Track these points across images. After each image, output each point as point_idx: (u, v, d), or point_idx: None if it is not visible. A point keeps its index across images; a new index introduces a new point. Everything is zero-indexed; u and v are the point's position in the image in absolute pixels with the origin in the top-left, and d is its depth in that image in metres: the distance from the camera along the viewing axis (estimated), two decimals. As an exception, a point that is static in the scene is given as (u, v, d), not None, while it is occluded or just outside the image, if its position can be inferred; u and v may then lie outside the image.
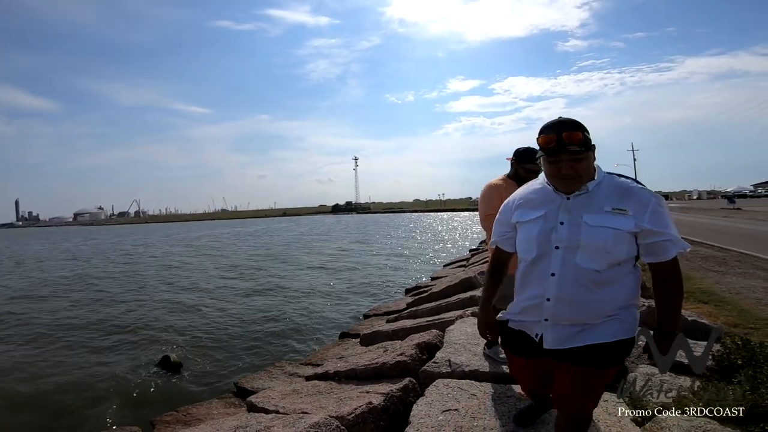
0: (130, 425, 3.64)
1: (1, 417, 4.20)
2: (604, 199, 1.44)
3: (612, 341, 1.43)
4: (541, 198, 1.55)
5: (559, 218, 1.47)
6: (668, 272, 1.44)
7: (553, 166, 1.45)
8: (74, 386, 4.99)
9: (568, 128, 1.41)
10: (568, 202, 1.48)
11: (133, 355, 6.10)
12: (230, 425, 2.61)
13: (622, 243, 1.41)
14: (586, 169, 1.44)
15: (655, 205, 1.41)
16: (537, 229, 1.50)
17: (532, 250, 1.50)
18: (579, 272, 1.42)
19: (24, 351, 6.48)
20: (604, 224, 1.41)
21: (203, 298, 10.34)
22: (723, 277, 5.75)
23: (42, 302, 10.43)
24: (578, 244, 1.42)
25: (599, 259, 1.41)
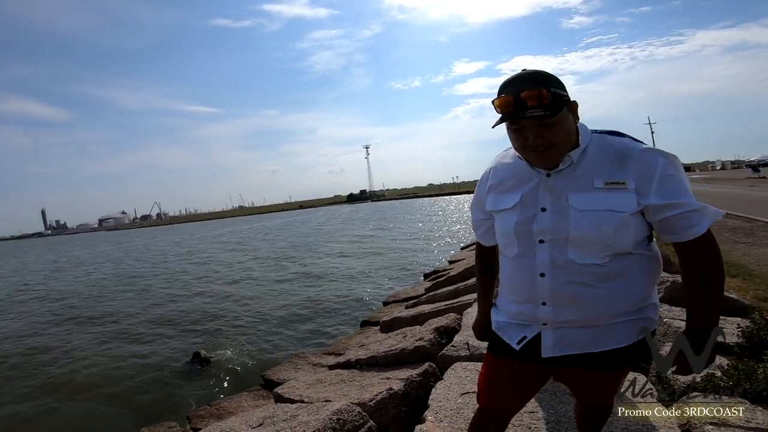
0: (167, 421, 3.80)
1: (42, 410, 4.46)
2: (594, 170, 1.09)
3: (632, 343, 1.14)
4: (515, 176, 1.20)
5: (539, 203, 1.14)
6: (699, 252, 1.07)
7: (518, 136, 1.09)
8: (112, 382, 5.27)
9: (529, 85, 1.03)
10: (549, 179, 1.13)
11: (166, 350, 6.38)
12: (259, 416, 2.71)
13: (625, 228, 1.07)
14: (562, 135, 1.06)
15: (665, 168, 1.05)
16: (514, 219, 1.17)
17: (512, 245, 1.19)
18: (575, 269, 1.10)
19: (64, 347, 6.85)
20: (597, 206, 1.06)
21: (231, 293, 10.63)
22: (751, 248, 5.52)
23: (84, 301, 10.85)
24: (567, 235, 1.09)
25: (597, 251, 1.08)
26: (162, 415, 4.23)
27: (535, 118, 1.03)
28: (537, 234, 1.14)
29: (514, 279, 1.22)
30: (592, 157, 1.11)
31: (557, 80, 1.06)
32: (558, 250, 1.11)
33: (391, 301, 7.79)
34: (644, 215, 1.09)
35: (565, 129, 1.07)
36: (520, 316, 1.21)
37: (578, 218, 1.08)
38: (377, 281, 10.51)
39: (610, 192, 1.07)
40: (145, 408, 4.59)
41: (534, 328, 1.19)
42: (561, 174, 1.12)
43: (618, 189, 1.07)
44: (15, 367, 6.43)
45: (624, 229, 1.07)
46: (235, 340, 6.63)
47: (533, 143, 1.06)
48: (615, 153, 1.10)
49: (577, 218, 1.08)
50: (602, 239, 1.07)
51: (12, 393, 5.39)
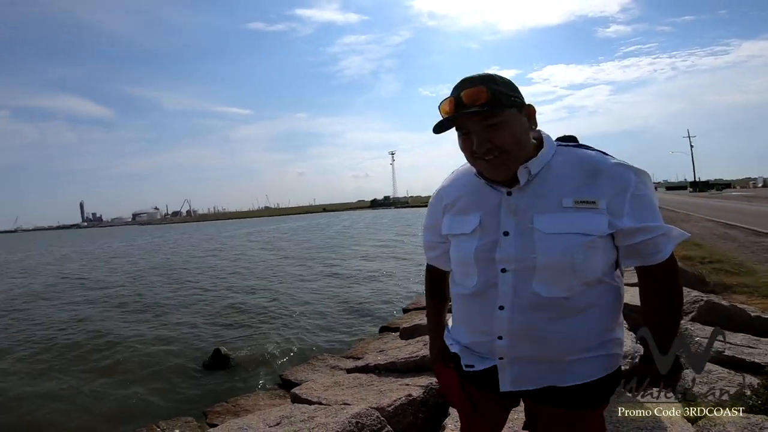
0: (185, 416, 3.84)
1: (57, 405, 4.58)
2: (561, 187, 0.98)
3: (601, 377, 1.03)
4: (472, 195, 1.08)
5: (501, 226, 1.01)
6: (663, 275, 1.02)
7: (465, 142, 0.99)
8: (133, 370, 5.42)
9: (468, 84, 0.96)
10: (510, 198, 1.01)
11: (189, 344, 6.51)
12: (276, 415, 2.71)
13: (595, 253, 0.96)
14: (510, 138, 0.95)
15: (637, 187, 0.97)
16: (473, 246, 1.04)
17: (471, 276, 1.05)
18: (538, 303, 0.98)
19: (84, 342, 7.03)
20: (566, 228, 0.95)
21: (255, 290, 10.82)
22: None
23: (121, 290, 11.24)
24: (533, 264, 0.97)
25: (565, 281, 0.96)
26: (179, 409, 4.28)
27: (477, 119, 0.95)
28: (499, 262, 1.00)
29: (470, 311, 1.09)
30: (558, 172, 1.00)
31: (504, 80, 0.98)
32: (522, 281, 0.99)
33: (411, 309, 7.72)
34: (613, 238, 0.99)
35: (514, 132, 0.96)
36: (475, 347, 1.10)
37: (546, 243, 0.96)
38: (398, 287, 10.46)
39: (580, 212, 0.96)
40: (162, 400, 4.68)
41: (489, 361, 1.08)
42: (524, 192, 1.00)
43: (589, 209, 0.96)
44: (57, 346, 6.71)
45: (594, 254, 0.96)
46: (255, 338, 6.70)
47: (478, 147, 0.96)
48: (584, 168, 0.99)
49: (545, 243, 0.96)
50: (572, 266, 0.95)
51: (33, 371, 5.64)
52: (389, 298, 9.20)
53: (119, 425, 4.04)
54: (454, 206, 1.11)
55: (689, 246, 7.95)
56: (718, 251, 7.10)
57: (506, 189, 1.02)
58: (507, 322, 1.01)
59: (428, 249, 1.26)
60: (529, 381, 1.04)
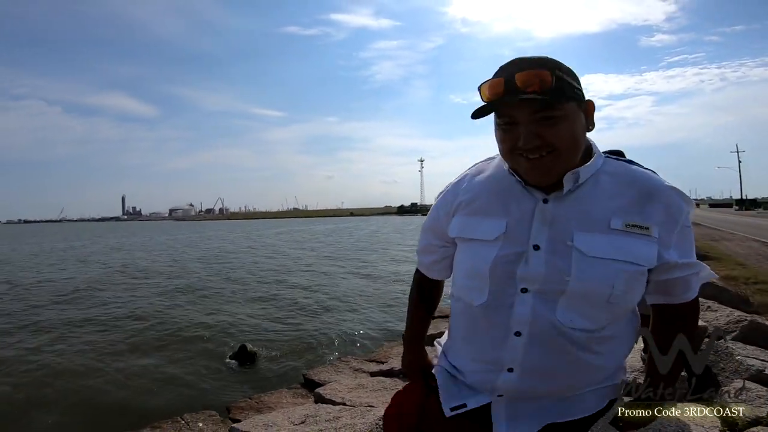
0: (208, 409, 3.86)
1: (87, 394, 4.68)
2: (608, 203, 0.83)
3: (599, 410, 0.91)
4: (499, 195, 0.90)
5: (532, 237, 0.85)
6: (690, 314, 0.92)
7: (507, 134, 0.83)
8: (158, 369, 5.43)
9: (527, 65, 0.80)
10: (547, 206, 0.85)
11: (215, 342, 6.55)
12: (301, 414, 2.69)
13: (638, 285, 0.84)
14: (567, 138, 0.80)
15: (687, 218, 0.85)
16: (492, 255, 0.86)
17: (482, 290, 0.88)
18: (559, 332, 0.83)
19: (115, 330, 7.24)
20: (612, 254, 0.80)
21: (283, 289, 10.93)
22: None
23: (139, 289, 11.62)
24: (563, 288, 0.81)
25: (595, 312, 0.83)
26: (202, 401, 4.32)
27: (532, 110, 0.78)
28: (521, 280, 0.84)
29: (477, 333, 0.92)
30: (605, 186, 0.85)
31: (567, 68, 0.83)
32: (545, 306, 0.83)
33: (437, 316, 7.53)
34: (650, 271, 0.85)
35: (572, 130, 0.80)
36: (472, 377, 0.93)
37: (585, 267, 0.80)
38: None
39: (630, 237, 0.81)
40: (187, 389, 4.73)
41: (482, 398, 0.92)
42: (564, 202, 0.84)
43: (640, 234, 0.81)
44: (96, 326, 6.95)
45: (636, 286, 0.83)
46: (281, 335, 6.75)
47: (526, 143, 0.79)
48: (637, 187, 0.84)
49: (584, 266, 0.80)
50: (609, 297, 0.81)
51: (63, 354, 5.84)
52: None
53: (144, 413, 4.08)
54: (471, 205, 0.94)
55: (733, 265, 7.74)
56: (763, 272, 6.89)
57: (543, 195, 0.85)
58: (522, 352, 0.84)
59: (423, 252, 1.10)
60: (530, 421, 0.89)
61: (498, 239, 0.87)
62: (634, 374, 2.34)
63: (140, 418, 3.87)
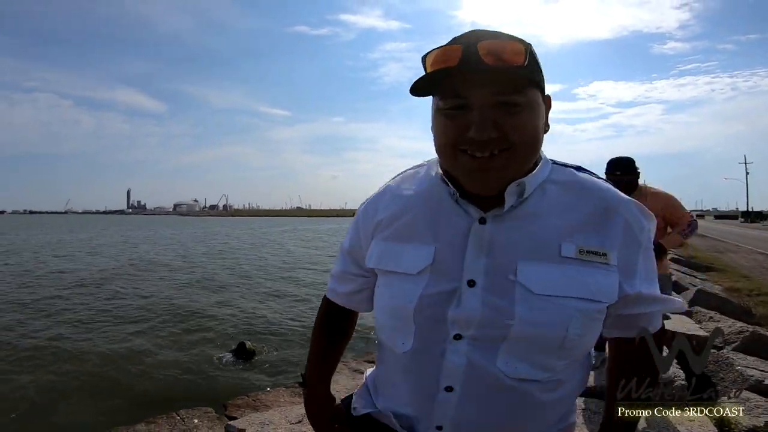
0: (204, 406, 3.85)
1: (79, 393, 4.64)
2: (558, 222, 0.66)
3: None
4: (426, 213, 0.72)
5: (465, 270, 0.67)
6: (646, 348, 0.72)
7: (452, 122, 0.64)
8: (156, 365, 5.40)
9: (492, 36, 0.63)
10: (485, 229, 0.67)
11: (215, 337, 6.56)
12: (298, 413, 2.69)
13: (595, 325, 0.67)
14: (530, 136, 0.64)
15: (649, 238, 0.70)
16: (417, 293, 0.68)
17: (407, 335, 0.71)
18: (500, 385, 0.66)
19: (115, 326, 7.24)
20: (565, 290, 0.64)
21: (286, 286, 11.00)
22: None
23: (143, 282, 11.67)
24: (505, 333, 0.64)
25: (546, 359, 0.66)
26: (199, 398, 4.27)
27: (493, 89, 0.60)
28: (453, 323, 0.66)
29: (402, 382, 0.74)
30: (554, 199, 0.67)
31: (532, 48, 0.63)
32: (482, 354, 0.65)
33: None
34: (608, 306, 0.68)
35: (535, 125, 0.64)
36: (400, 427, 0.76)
37: (533, 307, 0.63)
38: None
39: (586, 267, 0.64)
40: (184, 384, 4.75)
41: None
42: (505, 221, 0.66)
43: (598, 264, 0.64)
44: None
45: (593, 327, 0.67)
46: (280, 337, 6.71)
47: (478, 133, 0.60)
48: (592, 201, 0.67)
49: (531, 307, 0.63)
50: (562, 342, 0.64)
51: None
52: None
53: (138, 408, 4.07)
54: (392, 226, 0.74)
55: (737, 277, 7.81)
56: (767, 284, 7.00)
57: (480, 212, 0.67)
58: (454, 409, 0.68)
59: (340, 280, 0.88)
60: None
61: (423, 273, 0.68)
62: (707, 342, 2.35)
63: (134, 413, 3.85)
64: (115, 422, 3.65)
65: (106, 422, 3.75)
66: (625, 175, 2.64)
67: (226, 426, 2.64)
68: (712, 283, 7.02)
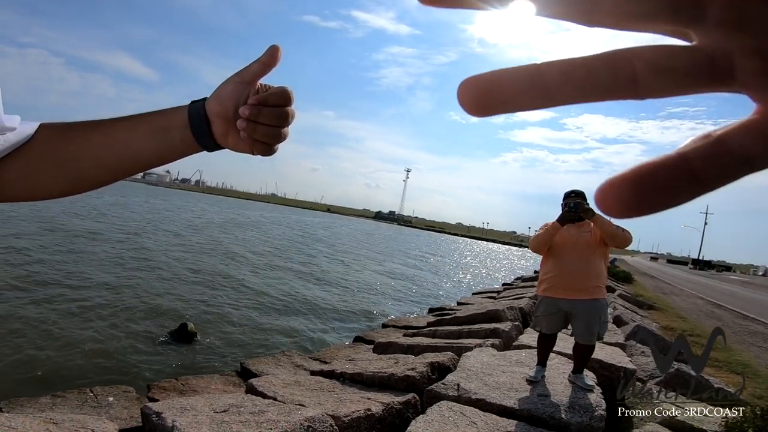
0: (127, 385, 3.66)
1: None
2: None
3: None
4: None
5: None
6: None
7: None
8: (86, 337, 5.11)
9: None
10: None
11: (158, 317, 6.28)
12: (225, 402, 2.60)
13: None
14: None
15: None
16: None
17: None
18: None
19: (53, 299, 6.78)
20: None
21: (240, 273, 10.72)
22: (765, 353, 5.96)
23: (86, 259, 11.12)
24: None
25: None
26: (124, 377, 4.11)
27: None
28: None
29: None
30: None
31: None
32: None
33: (390, 325, 7.59)
34: None
35: None
36: None
37: None
38: (381, 301, 10.34)
39: None
40: (113, 363, 4.51)
41: None
42: None
43: None
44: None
45: None
46: (225, 322, 6.53)
47: None
48: None
49: None
50: None
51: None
52: (369, 310, 9.06)
53: (55, 382, 3.82)
54: None
55: (674, 317, 8.20)
56: (700, 326, 7.42)
57: None
58: None
59: None
60: None
61: None
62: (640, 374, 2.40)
63: (45, 386, 3.62)
64: (17, 393, 3.35)
65: (7, 391, 3.44)
66: (578, 197, 2.93)
67: (142, 407, 2.53)
68: (650, 321, 7.37)
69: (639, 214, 0.15)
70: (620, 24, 0.15)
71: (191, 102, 0.57)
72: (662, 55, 0.15)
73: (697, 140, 0.15)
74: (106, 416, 2.80)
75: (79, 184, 0.58)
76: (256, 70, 0.54)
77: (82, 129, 0.57)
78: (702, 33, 0.15)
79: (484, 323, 5.77)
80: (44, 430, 2.05)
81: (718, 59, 0.15)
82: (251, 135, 0.53)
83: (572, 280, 2.87)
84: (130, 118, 0.57)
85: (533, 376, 2.99)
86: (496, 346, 4.21)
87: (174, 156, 0.58)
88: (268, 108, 0.53)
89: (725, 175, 0.15)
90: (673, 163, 0.15)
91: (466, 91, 0.16)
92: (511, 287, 13.83)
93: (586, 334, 2.83)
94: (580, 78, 0.16)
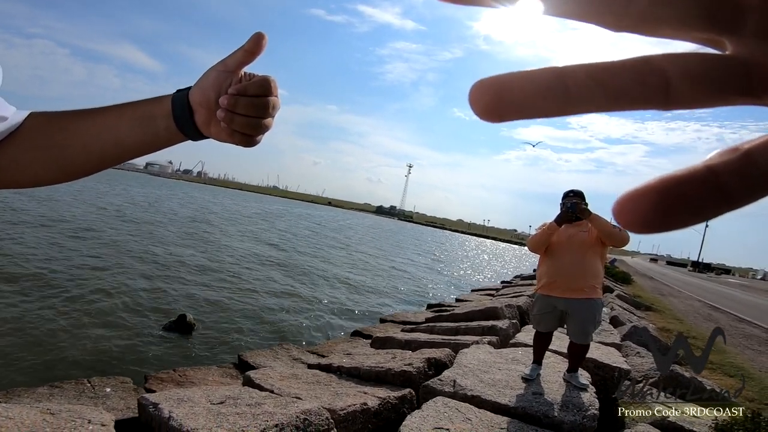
0: (125, 376, 3.67)
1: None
2: None
3: None
4: None
5: None
6: None
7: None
8: (84, 328, 5.12)
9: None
10: None
11: (158, 308, 6.30)
12: (222, 394, 2.62)
13: None
14: None
15: None
16: None
17: None
18: None
19: (50, 290, 6.81)
20: None
21: (240, 266, 10.73)
22: (759, 356, 5.99)
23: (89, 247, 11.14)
24: None
25: None
26: (122, 368, 4.11)
27: None
28: None
29: None
30: None
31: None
32: None
33: (388, 320, 7.61)
34: None
35: None
36: None
37: None
38: (380, 297, 10.37)
39: None
40: (108, 355, 4.49)
41: None
42: None
43: None
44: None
45: None
46: (224, 314, 6.55)
47: None
48: None
49: None
50: None
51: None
52: (368, 305, 9.10)
53: (52, 372, 3.83)
54: None
55: (671, 319, 8.19)
56: (696, 329, 7.43)
57: None
58: None
59: None
60: None
61: None
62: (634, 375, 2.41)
63: (43, 376, 3.63)
64: (14, 384, 3.38)
65: (4, 382, 3.48)
66: (576, 197, 2.96)
67: (139, 398, 2.55)
68: (647, 322, 7.40)
69: (660, 230, 0.14)
70: (652, 30, 0.14)
71: (176, 90, 0.57)
72: (698, 62, 0.14)
73: (725, 153, 0.14)
74: (103, 407, 2.82)
75: (68, 171, 0.59)
76: (239, 58, 0.53)
77: (71, 117, 0.58)
78: (738, 42, 0.14)
79: (482, 320, 5.80)
80: (41, 420, 2.06)
81: (753, 70, 0.14)
82: (229, 125, 0.52)
83: (568, 280, 2.88)
84: (118, 106, 0.57)
85: (529, 374, 3.01)
86: (492, 344, 4.23)
87: (160, 144, 0.58)
88: (246, 98, 0.52)
89: (755, 192, 0.14)
90: (701, 177, 0.14)
91: (479, 94, 0.15)
92: (510, 285, 13.88)
93: (581, 333, 2.85)
94: (605, 84, 0.14)
